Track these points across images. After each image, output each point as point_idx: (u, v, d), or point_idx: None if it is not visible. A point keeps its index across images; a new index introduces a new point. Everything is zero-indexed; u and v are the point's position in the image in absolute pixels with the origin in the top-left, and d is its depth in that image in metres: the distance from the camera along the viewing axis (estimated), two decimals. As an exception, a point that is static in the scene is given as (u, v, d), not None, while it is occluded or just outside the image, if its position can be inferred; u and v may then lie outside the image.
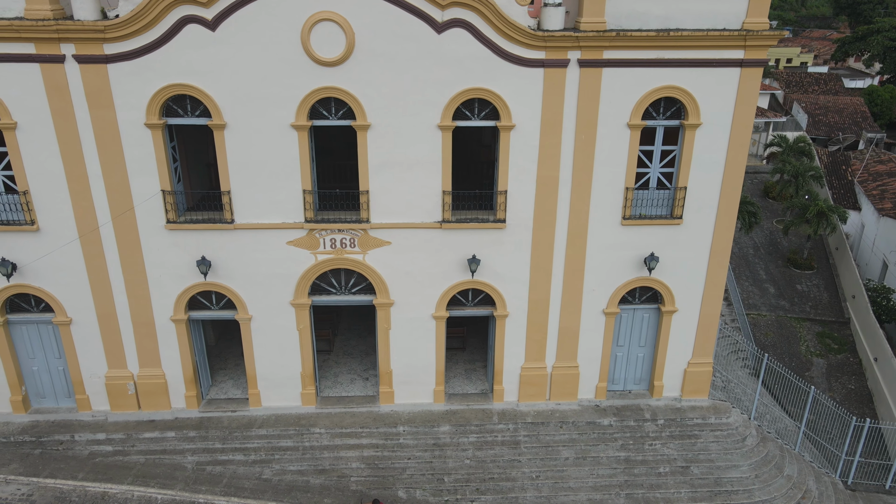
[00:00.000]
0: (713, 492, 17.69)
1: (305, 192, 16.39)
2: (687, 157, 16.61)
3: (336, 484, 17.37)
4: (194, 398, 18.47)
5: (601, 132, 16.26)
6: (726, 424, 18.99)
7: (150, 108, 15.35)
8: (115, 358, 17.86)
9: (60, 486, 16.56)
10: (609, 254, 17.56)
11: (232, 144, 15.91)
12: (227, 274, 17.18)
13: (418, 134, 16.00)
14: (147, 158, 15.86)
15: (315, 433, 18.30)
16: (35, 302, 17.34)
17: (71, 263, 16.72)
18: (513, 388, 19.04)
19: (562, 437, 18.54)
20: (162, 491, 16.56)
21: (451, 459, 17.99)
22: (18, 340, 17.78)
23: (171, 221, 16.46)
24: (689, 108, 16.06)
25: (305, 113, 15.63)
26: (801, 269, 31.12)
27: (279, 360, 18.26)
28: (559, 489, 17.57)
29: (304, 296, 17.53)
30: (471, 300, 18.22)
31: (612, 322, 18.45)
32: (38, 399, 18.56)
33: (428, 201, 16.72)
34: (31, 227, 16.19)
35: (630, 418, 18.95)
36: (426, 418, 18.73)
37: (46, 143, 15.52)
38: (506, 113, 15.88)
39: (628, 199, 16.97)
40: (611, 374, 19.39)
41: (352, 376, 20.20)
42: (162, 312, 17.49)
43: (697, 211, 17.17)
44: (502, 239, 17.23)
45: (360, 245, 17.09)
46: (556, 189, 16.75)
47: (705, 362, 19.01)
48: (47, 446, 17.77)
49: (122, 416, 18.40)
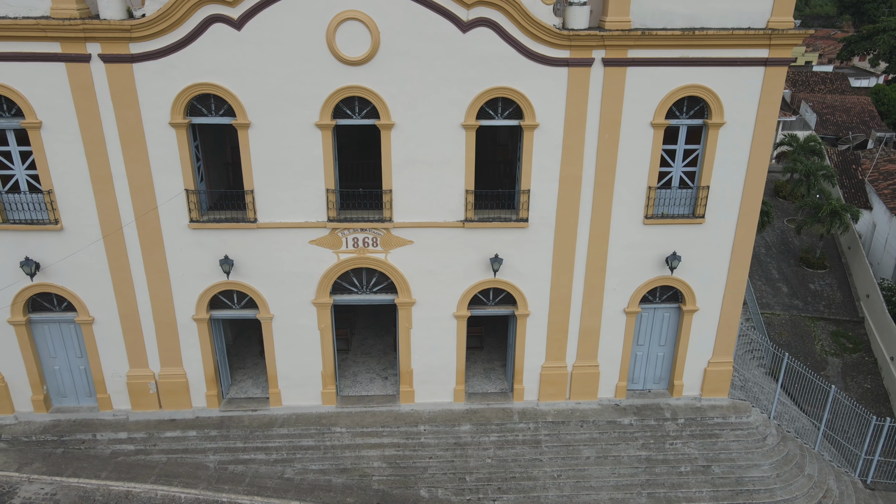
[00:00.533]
0: (735, 491, 17.68)
1: (328, 191, 16.39)
2: (710, 156, 16.60)
3: (358, 483, 17.38)
4: (215, 397, 18.48)
5: (625, 131, 16.25)
6: (746, 423, 18.99)
7: (175, 107, 15.35)
8: (137, 357, 17.88)
9: (84, 485, 16.57)
10: (631, 253, 17.55)
11: (256, 143, 15.91)
12: (250, 273, 17.19)
13: (442, 133, 16.00)
14: (171, 157, 15.86)
15: (336, 432, 18.31)
16: (57, 301, 17.35)
17: (94, 263, 16.73)
18: (533, 388, 19.04)
19: (582, 437, 18.54)
20: (185, 490, 16.57)
21: (472, 458, 18.00)
22: (40, 340, 17.79)
23: (194, 220, 16.47)
24: (712, 107, 16.06)
25: (329, 112, 15.63)
26: (813, 269, 31.10)
27: (300, 359, 18.26)
28: (581, 488, 17.57)
29: (325, 295, 17.54)
30: (492, 299, 18.22)
31: (632, 321, 18.45)
32: (59, 398, 18.57)
33: (451, 200, 16.71)
34: (55, 227, 16.20)
35: (650, 417, 18.95)
36: (447, 417, 18.74)
37: (71, 142, 15.54)
38: (530, 112, 15.88)
39: (651, 199, 16.96)
40: (630, 373, 19.39)
41: (371, 375, 20.20)
42: (184, 311, 17.50)
43: (719, 210, 17.17)
44: (524, 238, 17.22)
45: (383, 244, 17.09)
46: (579, 188, 16.75)
47: (725, 361, 19.00)
48: (69, 445, 17.79)
49: (143, 416, 18.41)
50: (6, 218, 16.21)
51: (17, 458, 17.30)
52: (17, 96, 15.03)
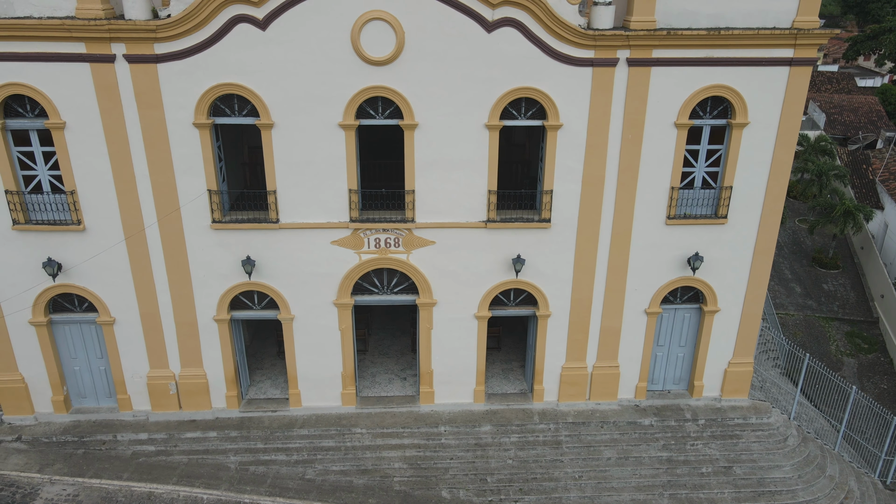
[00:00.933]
0: (757, 492, 17.64)
1: (351, 192, 16.36)
2: (733, 156, 16.55)
3: (379, 484, 17.34)
4: (235, 398, 18.45)
5: (648, 131, 16.20)
6: (767, 424, 18.95)
7: (199, 107, 15.32)
8: (158, 358, 17.85)
9: (106, 486, 16.55)
10: (653, 253, 17.51)
11: (278, 144, 15.87)
12: (271, 273, 17.15)
13: (465, 133, 15.96)
14: (194, 158, 15.83)
15: (356, 433, 18.28)
16: (78, 302, 17.31)
17: (116, 263, 16.70)
18: (553, 388, 19.00)
19: (603, 437, 18.50)
20: (207, 491, 16.55)
21: (493, 459, 17.96)
22: (61, 340, 17.76)
23: (216, 221, 16.43)
24: (736, 107, 16.01)
25: (353, 112, 15.59)
26: (826, 269, 31.05)
27: (320, 360, 18.23)
28: (602, 489, 17.53)
29: (346, 295, 17.50)
30: (512, 300, 18.18)
31: (653, 322, 18.40)
32: (79, 399, 18.54)
33: (473, 201, 16.67)
34: (78, 227, 16.17)
35: (671, 418, 18.91)
36: (467, 418, 18.70)
37: (94, 142, 15.50)
38: (553, 112, 15.84)
39: (673, 199, 16.92)
40: (650, 373, 19.35)
41: (389, 376, 20.16)
42: (205, 312, 17.46)
43: (742, 210, 17.12)
44: (546, 238, 17.18)
45: (405, 245, 17.05)
46: (602, 188, 16.71)
47: (746, 362, 18.96)
48: (90, 446, 17.76)
49: (163, 416, 18.38)
50: (28, 218, 16.17)
51: (39, 458, 17.28)
52: (41, 97, 15.00)
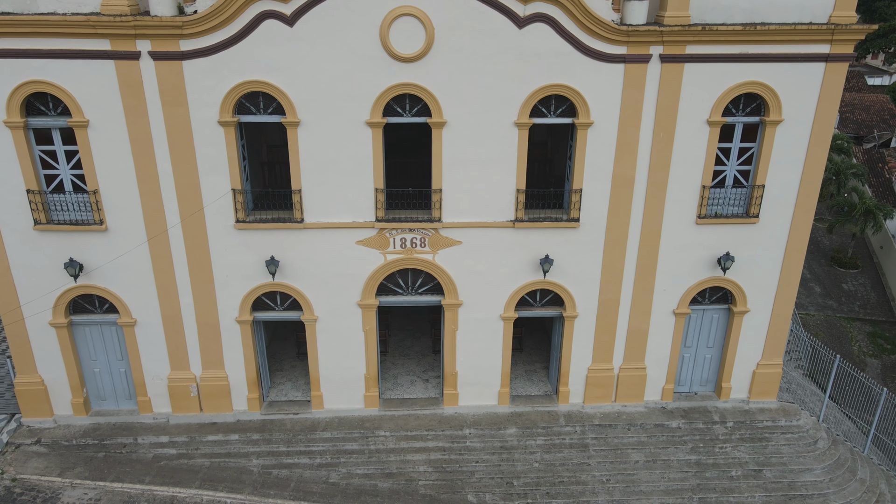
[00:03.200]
0: (787, 496, 17.35)
1: (377, 191, 16.08)
2: (766, 154, 16.26)
3: (405, 488, 17.07)
4: (256, 400, 18.19)
5: (680, 129, 15.91)
6: (797, 427, 18.66)
7: (224, 105, 15.05)
8: (179, 360, 17.59)
9: (128, 489, 16.31)
10: (682, 253, 17.22)
11: (304, 142, 15.59)
12: (295, 274, 16.89)
13: (494, 131, 15.68)
14: (218, 157, 15.56)
15: (380, 436, 18.01)
16: (99, 303, 17.06)
17: (137, 264, 16.44)
18: (578, 390, 18.72)
19: (630, 440, 18.22)
20: (231, 495, 16.30)
21: (519, 462, 17.69)
22: (81, 342, 17.51)
23: (240, 221, 16.16)
24: (770, 104, 15.71)
25: (380, 110, 15.32)
26: (845, 269, 30.75)
27: (343, 361, 17.96)
28: (631, 493, 17.25)
29: (371, 296, 17.23)
30: (539, 301, 17.90)
31: (681, 323, 18.12)
32: (99, 401, 18.29)
33: (501, 200, 16.40)
34: (100, 227, 15.91)
35: (698, 420, 18.63)
36: (492, 420, 18.43)
37: (118, 141, 15.24)
38: (584, 110, 15.55)
39: (704, 198, 16.63)
40: (678, 375, 19.06)
41: (411, 378, 19.89)
42: (227, 314, 17.20)
43: (774, 209, 16.83)
44: (574, 238, 16.90)
45: (431, 245, 16.77)
46: (632, 188, 16.42)
47: (775, 363, 18.67)
48: (110, 449, 17.51)
49: (184, 419, 18.12)
50: (50, 218, 15.91)
51: (59, 462, 17.03)
52: (64, 94, 14.74)
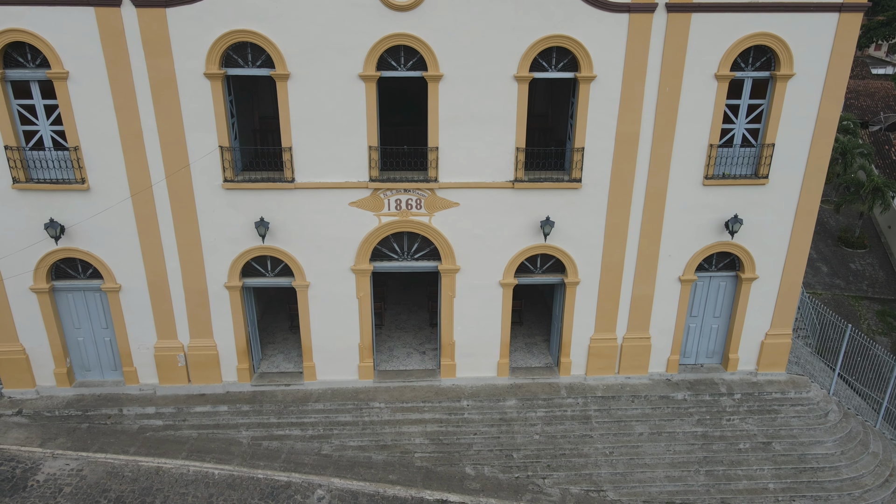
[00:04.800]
0: (798, 469, 16.71)
1: (371, 149, 15.43)
2: (776, 111, 15.60)
3: (400, 460, 16.43)
4: (246, 371, 17.54)
5: (686, 84, 15.25)
6: (807, 399, 18.01)
7: (210, 56, 14.39)
8: (166, 328, 16.95)
9: (111, 460, 15.66)
10: (688, 216, 16.56)
11: (295, 97, 14.93)
12: (286, 237, 16.24)
13: (493, 86, 15.02)
14: (205, 112, 14.90)
15: (375, 408, 17.37)
16: (82, 267, 16.41)
17: (121, 226, 15.80)
18: (580, 361, 18.07)
19: (634, 412, 17.58)
20: (219, 466, 15.65)
21: (519, 435, 17.05)
22: (64, 309, 16.87)
23: (228, 180, 15.51)
24: (781, 57, 15.05)
25: (374, 62, 14.66)
26: (853, 248, 30.09)
27: (336, 330, 17.31)
28: (635, 465, 16.60)
29: (365, 261, 16.58)
30: (539, 267, 17.25)
31: (687, 290, 17.46)
32: (83, 372, 17.65)
33: (500, 159, 15.74)
34: (82, 186, 15.26)
35: (705, 392, 17.97)
36: (491, 392, 17.78)
37: (99, 94, 14.59)
38: (587, 63, 14.89)
39: (711, 157, 15.97)
40: (683, 346, 18.41)
41: (407, 350, 19.25)
42: (215, 279, 16.56)
43: (784, 170, 16.18)
44: (576, 200, 16.24)
45: (427, 206, 16.12)
46: (636, 146, 15.76)
47: (784, 333, 18.02)
48: (94, 420, 16.88)
49: (171, 390, 17.49)
50: (29, 177, 15.26)
51: (40, 433, 16.39)
52: (42, 44, 14.09)
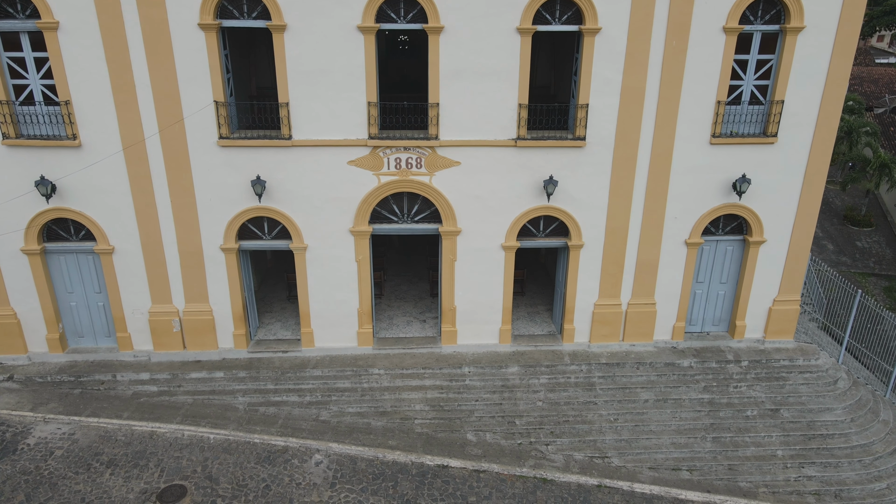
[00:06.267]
0: (807, 436, 16.32)
1: (370, 105, 15.03)
2: (785, 66, 15.20)
3: (399, 426, 16.05)
4: (243, 337, 17.16)
5: (694, 37, 14.86)
6: (816, 366, 17.62)
7: (205, 5, 13.99)
8: (160, 292, 16.56)
9: (104, 424, 15.28)
10: (695, 176, 16.17)
11: (291, 49, 14.54)
12: (283, 197, 15.85)
13: (495, 38, 14.62)
14: (199, 65, 14.51)
15: (374, 374, 16.99)
16: (75, 229, 16.03)
17: (115, 185, 15.42)
18: (584, 328, 17.68)
19: (640, 379, 17.20)
20: (214, 430, 15.27)
21: (521, 402, 16.67)
22: (56, 272, 16.49)
23: (223, 137, 15.12)
24: (791, 9, 14.65)
25: (373, 13, 14.27)
26: (859, 227, 29.71)
27: (335, 295, 16.93)
28: (640, 432, 16.22)
29: (364, 223, 16.19)
30: (542, 230, 16.86)
31: (693, 254, 17.07)
32: (76, 338, 17.27)
33: (502, 116, 15.34)
34: (73, 143, 14.87)
35: (711, 360, 17.59)
36: (493, 359, 17.40)
37: (91, 46, 14.19)
38: (591, 14, 14.50)
39: (719, 115, 15.58)
40: (689, 313, 18.02)
41: (408, 318, 18.87)
42: (211, 241, 16.18)
43: (793, 128, 15.78)
44: (580, 159, 15.86)
45: (427, 165, 15.73)
46: (642, 103, 15.37)
47: (793, 300, 17.63)
48: (87, 386, 16.51)
49: (167, 356, 17.11)
50: (19, 132, 14.88)
51: (31, 398, 16.02)
52: (32, -8, 13.73)
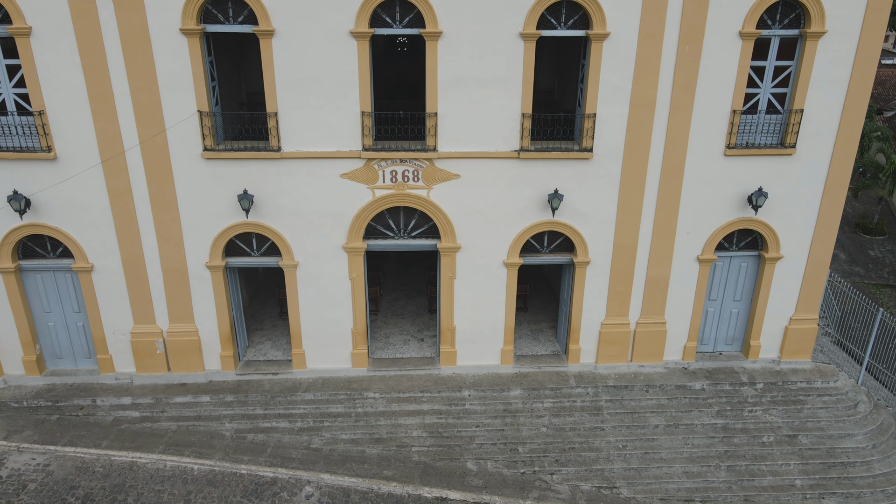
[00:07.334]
0: (826, 464, 15.42)
1: (364, 115, 14.14)
2: (805, 73, 14.32)
3: (396, 454, 15.15)
4: (231, 359, 16.27)
5: (708, 42, 13.97)
6: (835, 389, 16.72)
7: (187, 10, 13.10)
8: (143, 312, 15.67)
9: (82, 454, 14.38)
10: (709, 190, 15.29)
11: (280, 56, 13.65)
12: (272, 212, 14.96)
13: (496, 44, 13.73)
14: (182, 72, 13.61)
15: (369, 398, 16.10)
16: (52, 246, 15.15)
17: (93, 199, 14.53)
18: (590, 348, 16.79)
19: (649, 403, 16.30)
20: (199, 461, 14.37)
21: (524, 427, 15.78)
22: (32, 291, 15.59)
23: (208, 149, 14.23)
24: (812, 12, 13.77)
25: (367, 18, 13.38)
26: (871, 235, 28.81)
27: (328, 314, 16.04)
28: (650, 460, 15.33)
29: (358, 238, 15.30)
30: (546, 245, 15.97)
31: (706, 271, 16.18)
32: (55, 360, 16.38)
33: (504, 126, 14.46)
34: (48, 155, 13.98)
35: (724, 382, 16.70)
36: (494, 381, 16.51)
37: (66, 52, 13.30)
38: (599, 18, 13.61)
39: (734, 125, 14.69)
40: (700, 332, 17.13)
41: (405, 337, 17.98)
42: (196, 258, 15.28)
43: (813, 138, 14.89)
44: (587, 171, 14.96)
45: (425, 178, 14.84)
46: (653, 112, 14.48)
47: (810, 318, 16.73)
48: (65, 412, 15.61)
49: (150, 379, 16.22)
50: (-9, 145, 14.03)
51: (6, 425, 15.11)
52: (2, -5, 12.83)
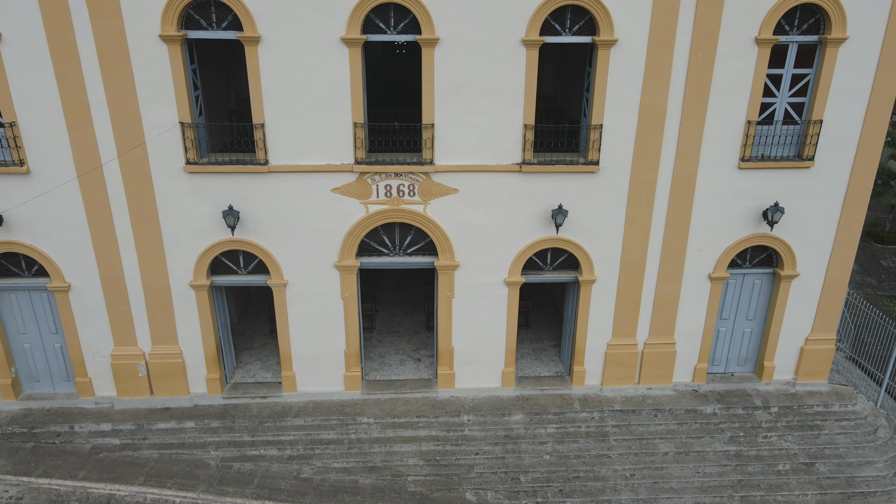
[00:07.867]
0: (846, 494, 14.59)
1: (356, 126, 13.32)
2: (825, 82, 13.50)
3: (390, 484, 14.33)
4: (217, 381, 15.45)
5: (722, 50, 13.15)
6: (853, 413, 15.90)
7: (167, 15, 12.28)
8: (123, 333, 14.85)
9: (57, 486, 13.56)
10: (721, 204, 14.47)
11: (267, 64, 12.82)
12: (259, 229, 14.14)
13: (497, 51, 12.92)
14: (162, 81, 12.79)
15: (363, 423, 15.27)
16: (26, 264, 14.32)
17: (69, 215, 13.71)
18: (596, 370, 15.98)
19: (658, 428, 15.48)
20: (181, 493, 13.55)
21: (527, 455, 14.95)
22: (7, 312, 14.77)
23: (191, 163, 13.41)
24: (832, 17, 12.95)
25: (359, 23, 12.56)
26: (883, 244, 27.99)
27: (319, 335, 15.22)
28: (660, 490, 14.50)
29: (351, 256, 14.48)
30: (549, 263, 15.15)
31: (718, 290, 15.36)
32: (31, 383, 15.55)
33: (505, 138, 13.64)
34: (20, 169, 13.16)
35: (737, 406, 15.88)
36: (494, 405, 15.69)
37: (38, 60, 12.47)
38: (606, 24, 12.79)
39: (749, 136, 13.87)
40: (712, 353, 16.30)
41: (401, 357, 17.15)
42: (179, 277, 14.46)
43: (832, 151, 14.08)
44: (593, 186, 14.15)
45: (421, 193, 14.02)
46: (663, 123, 13.66)
47: (827, 339, 15.91)
48: (41, 439, 14.78)
49: (132, 403, 15.39)
50: (-40, 158, 13.21)
51: (-22, 454, 14.32)
52: (-32, 0, 12.01)
